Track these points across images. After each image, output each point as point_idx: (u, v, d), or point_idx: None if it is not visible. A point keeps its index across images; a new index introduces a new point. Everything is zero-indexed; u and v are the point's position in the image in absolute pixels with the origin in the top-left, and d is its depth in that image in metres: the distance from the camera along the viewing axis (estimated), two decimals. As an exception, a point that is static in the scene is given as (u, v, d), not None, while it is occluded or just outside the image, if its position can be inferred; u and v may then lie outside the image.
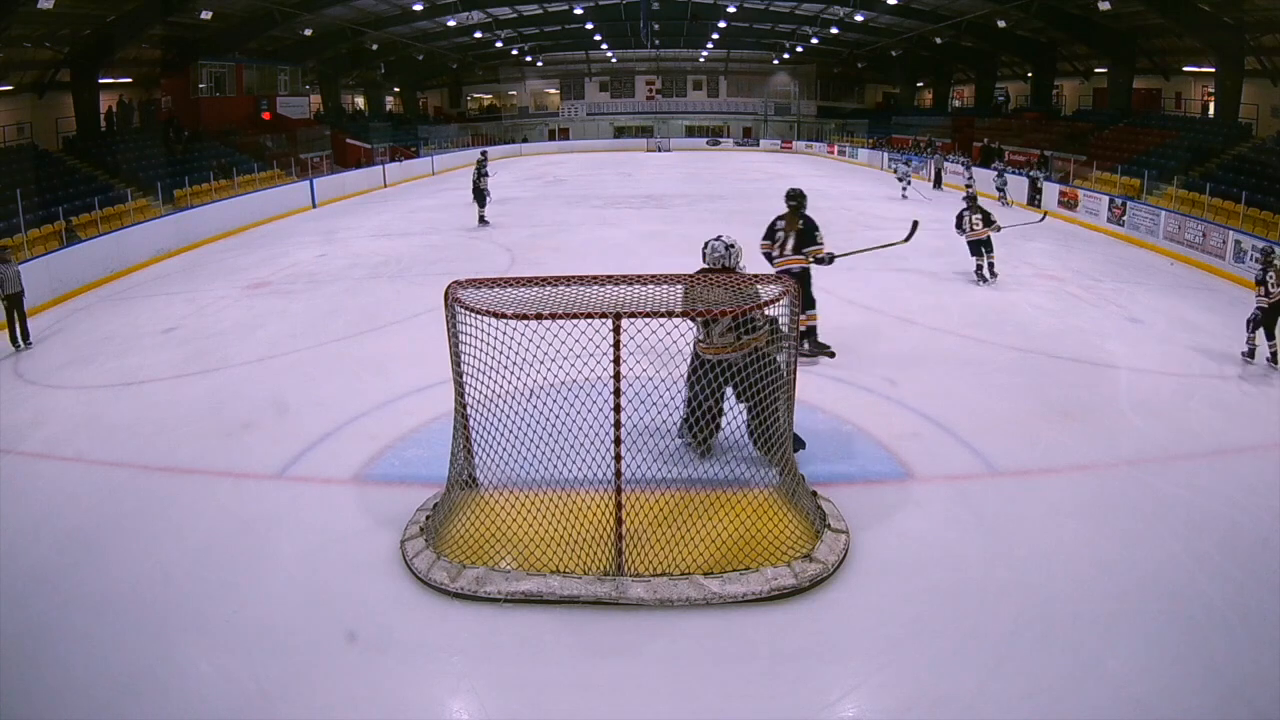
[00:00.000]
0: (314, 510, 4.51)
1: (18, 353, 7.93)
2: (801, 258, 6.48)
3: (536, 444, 4.02)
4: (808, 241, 6.47)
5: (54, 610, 3.64)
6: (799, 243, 6.49)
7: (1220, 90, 17.51)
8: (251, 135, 21.82)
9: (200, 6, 17.97)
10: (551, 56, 39.08)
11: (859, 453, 5.10)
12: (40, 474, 5.10)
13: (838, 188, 20.90)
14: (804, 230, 6.49)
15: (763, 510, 4.12)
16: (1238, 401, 6.02)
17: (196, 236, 14.26)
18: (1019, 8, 20.99)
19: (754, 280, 4.38)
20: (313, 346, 7.58)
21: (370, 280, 10.44)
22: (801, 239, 6.48)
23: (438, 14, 26.31)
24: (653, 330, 3.84)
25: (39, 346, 8.12)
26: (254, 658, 3.30)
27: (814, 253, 6.48)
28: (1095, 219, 14.83)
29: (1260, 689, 3.07)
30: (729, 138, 39.85)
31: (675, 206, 17.26)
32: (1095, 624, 3.44)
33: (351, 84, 32.91)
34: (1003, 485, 4.71)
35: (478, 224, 14.71)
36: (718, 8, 29.10)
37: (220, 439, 5.48)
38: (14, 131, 15.63)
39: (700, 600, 3.56)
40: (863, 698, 3.12)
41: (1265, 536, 4.12)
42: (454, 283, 4.03)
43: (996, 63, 28.86)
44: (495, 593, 3.61)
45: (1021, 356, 7.00)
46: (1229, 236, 10.94)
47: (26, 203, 11.88)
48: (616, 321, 3.65)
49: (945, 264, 10.31)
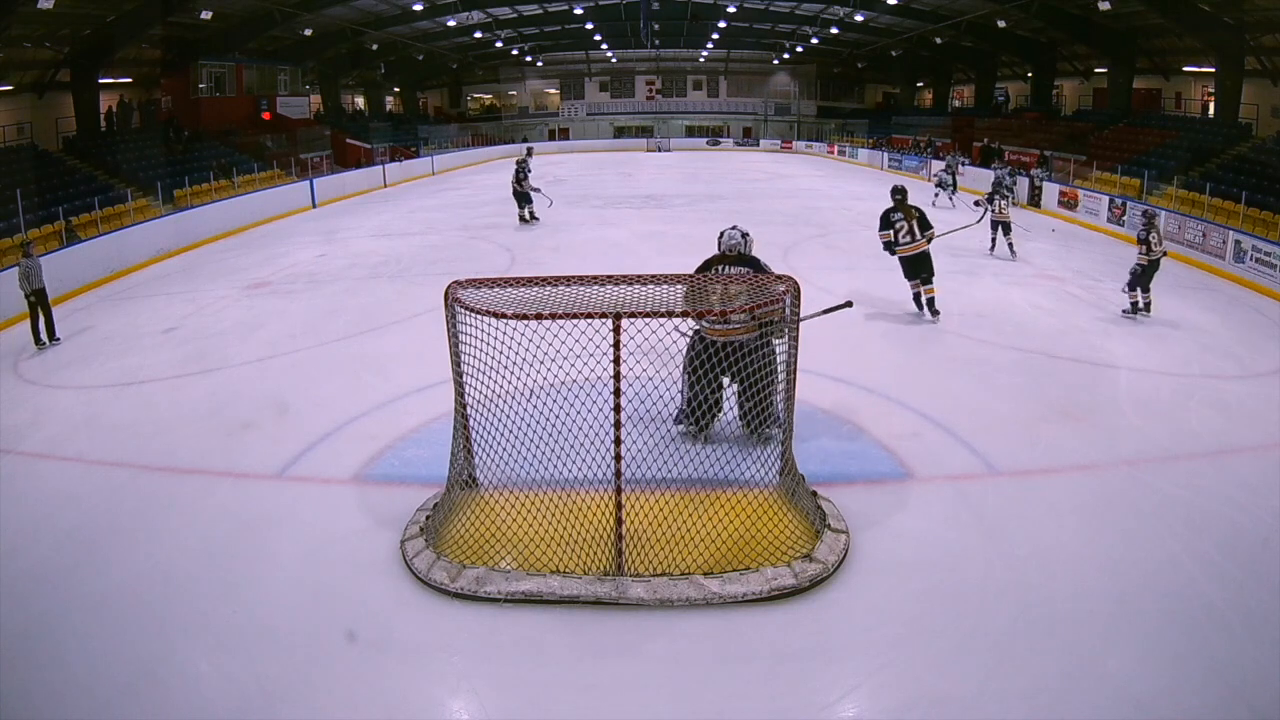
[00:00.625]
0: (314, 510, 4.51)
1: (41, 351, 7.89)
2: (925, 240, 7.87)
3: (536, 444, 4.02)
4: (927, 226, 7.92)
5: (54, 610, 3.64)
6: (922, 227, 7.88)
7: (1220, 90, 17.51)
8: (251, 135, 21.81)
9: (200, 6, 17.96)
10: (551, 56, 39.06)
11: (859, 453, 5.10)
12: (40, 474, 5.10)
13: (838, 188, 20.92)
14: (921, 217, 7.93)
15: (763, 510, 4.12)
16: (1238, 401, 6.01)
17: (196, 236, 14.25)
18: (1019, 8, 20.98)
19: (771, 278, 4.50)
20: (313, 346, 7.58)
21: (370, 280, 10.44)
22: (923, 224, 7.90)
23: (438, 14, 26.30)
24: (653, 330, 3.84)
25: (47, 347, 8.11)
26: (254, 658, 3.31)
27: (931, 235, 7.88)
28: (1095, 219, 14.82)
29: (1260, 689, 3.07)
30: (729, 138, 39.82)
31: (675, 206, 17.25)
32: (1095, 624, 3.45)
33: (351, 84, 32.91)
34: (1003, 485, 4.71)
35: (527, 220, 14.46)
36: (718, 8, 29.09)
37: (220, 439, 5.48)
38: (14, 131, 15.61)
39: (700, 600, 3.56)
40: (863, 698, 3.12)
41: (1265, 536, 4.13)
42: (454, 283, 4.04)
43: (996, 63, 28.85)
44: (495, 593, 3.61)
45: (1021, 356, 7.00)
46: (1229, 236, 10.93)
47: (26, 203, 11.88)
48: (616, 321, 3.66)
49: (946, 264, 10.30)
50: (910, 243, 7.88)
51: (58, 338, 8.13)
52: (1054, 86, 26.27)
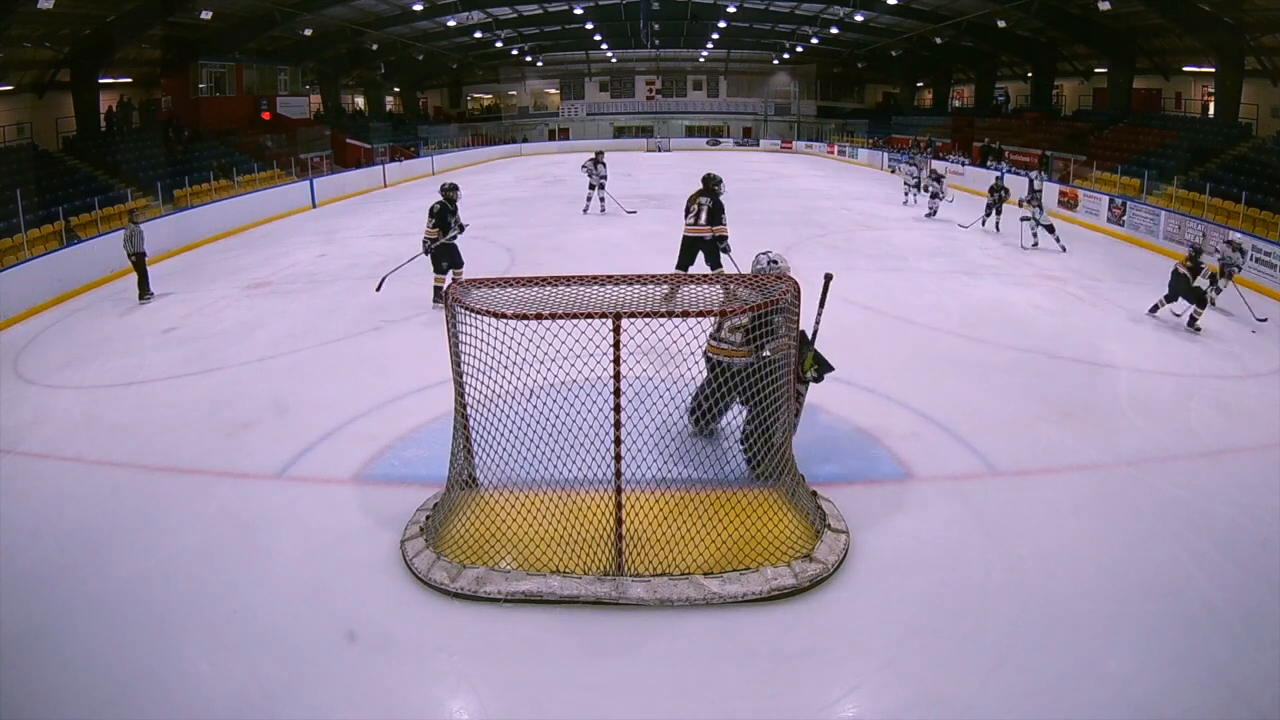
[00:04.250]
0: (314, 510, 4.50)
1: (146, 302, 9.61)
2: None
3: (536, 444, 4.02)
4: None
5: (54, 610, 3.64)
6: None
7: (1220, 90, 17.52)
8: (251, 135, 21.81)
9: (200, 6, 17.96)
10: (551, 56, 39.07)
11: (859, 453, 5.10)
12: (40, 474, 5.10)
13: (838, 188, 20.91)
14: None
15: (763, 510, 4.12)
16: (1238, 401, 6.02)
17: (196, 236, 14.24)
18: (1019, 8, 20.98)
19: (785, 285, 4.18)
20: (313, 346, 7.58)
21: (370, 280, 10.41)
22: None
23: (438, 14, 26.30)
24: (653, 330, 3.84)
25: (38, 346, 8.11)
26: (254, 658, 3.30)
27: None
28: (1095, 219, 14.82)
29: (1260, 689, 3.07)
30: (729, 138, 39.82)
31: (675, 206, 17.16)
32: (1095, 624, 3.45)
33: (351, 84, 32.91)
34: (1003, 485, 4.71)
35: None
36: (718, 8, 29.08)
37: (220, 439, 5.48)
38: (14, 131, 15.62)
39: (700, 600, 3.56)
40: (863, 698, 3.12)
41: (1265, 536, 4.13)
42: (454, 283, 4.03)
43: (996, 63, 28.85)
44: (495, 593, 3.61)
45: (1021, 356, 7.00)
46: (1229, 237, 10.91)
47: (26, 203, 11.86)
48: (616, 321, 3.65)
49: (945, 264, 10.31)
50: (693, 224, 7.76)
51: (151, 292, 9.80)
52: (1054, 86, 26.28)
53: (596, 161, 15.58)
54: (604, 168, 15.65)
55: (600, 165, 15.58)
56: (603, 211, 15.51)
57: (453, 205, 8.59)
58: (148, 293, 9.72)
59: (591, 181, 15.66)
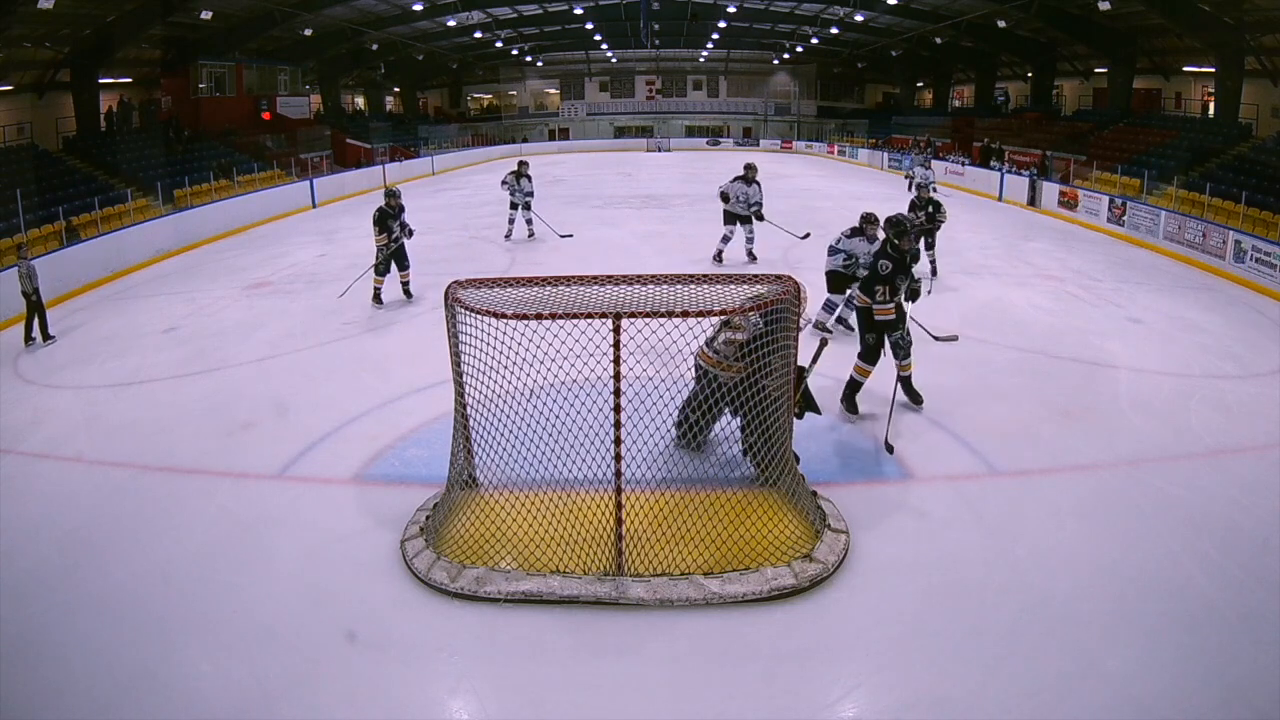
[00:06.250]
0: (314, 510, 4.51)
1: (46, 345, 8.13)
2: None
3: (536, 444, 4.02)
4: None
5: (54, 610, 3.64)
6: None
7: (1220, 90, 17.51)
8: (251, 135, 21.80)
9: (200, 6, 17.96)
10: (551, 56, 39.06)
11: (859, 453, 5.10)
12: (40, 474, 5.10)
13: (838, 188, 20.89)
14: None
15: (763, 510, 4.12)
16: (1238, 401, 6.01)
17: (196, 236, 14.24)
18: (1019, 8, 20.98)
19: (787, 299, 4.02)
20: (313, 346, 7.58)
21: (370, 280, 10.42)
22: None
23: (438, 14, 26.29)
24: (653, 330, 3.84)
25: (38, 346, 8.11)
26: (254, 658, 3.31)
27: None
28: (1095, 219, 14.82)
29: (1260, 689, 3.07)
30: (729, 138, 39.79)
31: (675, 206, 17.24)
32: (1095, 624, 3.44)
33: (351, 84, 32.92)
34: (1003, 485, 4.71)
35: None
36: (718, 8, 29.07)
37: (220, 439, 5.48)
38: (14, 131, 15.61)
39: (700, 600, 3.56)
40: (863, 698, 3.12)
41: (1265, 536, 4.12)
42: (454, 283, 4.03)
43: (996, 63, 28.85)
44: (495, 593, 3.61)
45: (1021, 356, 7.00)
46: (1229, 236, 10.93)
47: (26, 203, 11.88)
48: (616, 321, 3.65)
49: (945, 264, 10.29)
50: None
51: (51, 336, 8.21)
52: (1054, 86, 26.27)
53: (519, 175, 12.40)
54: (528, 182, 12.50)
55: (524, 180, 12.43)
56: (530, 236, 12.86)
57: (393, 210, 8.92)
58: (48, 336, 8.17)
59: (513, 200, 12.59)
